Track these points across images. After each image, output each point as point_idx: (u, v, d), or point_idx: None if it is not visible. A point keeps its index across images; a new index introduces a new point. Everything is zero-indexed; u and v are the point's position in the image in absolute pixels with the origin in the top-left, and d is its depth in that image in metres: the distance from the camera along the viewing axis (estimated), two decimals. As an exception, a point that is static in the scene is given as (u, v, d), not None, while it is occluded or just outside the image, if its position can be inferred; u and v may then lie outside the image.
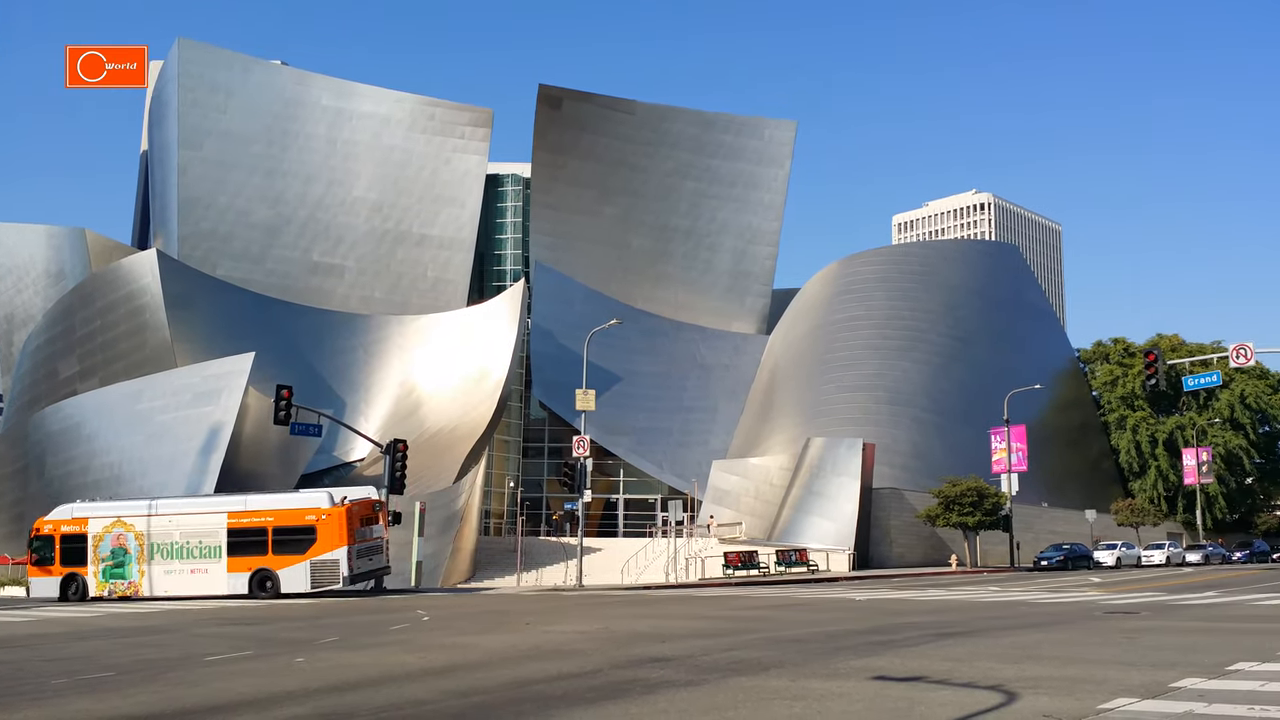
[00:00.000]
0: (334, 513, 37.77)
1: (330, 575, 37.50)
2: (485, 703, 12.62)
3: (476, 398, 74.48)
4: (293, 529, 38.07)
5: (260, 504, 39.65)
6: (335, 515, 37.72)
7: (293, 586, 37.77)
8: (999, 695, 12.30)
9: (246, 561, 38.33)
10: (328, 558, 37.52)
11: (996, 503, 62.38)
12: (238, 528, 38.69)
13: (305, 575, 37.64)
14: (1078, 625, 21.99)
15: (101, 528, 40.19)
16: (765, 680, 13.96)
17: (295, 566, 37.72)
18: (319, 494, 39.77)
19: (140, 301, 69.44)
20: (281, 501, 39.96)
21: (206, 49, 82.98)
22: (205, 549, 38.87)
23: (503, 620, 26.38)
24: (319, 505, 38.28)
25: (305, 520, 38.02)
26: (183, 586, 39.08)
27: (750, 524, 66.26)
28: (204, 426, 57.92)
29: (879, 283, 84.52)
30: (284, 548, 37.99)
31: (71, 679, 15.68)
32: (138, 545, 39.64)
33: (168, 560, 39.26)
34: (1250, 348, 38.29)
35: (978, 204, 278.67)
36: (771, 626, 22.82)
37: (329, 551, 37.53)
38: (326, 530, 37.70)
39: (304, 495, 40.62)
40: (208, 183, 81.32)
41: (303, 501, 39.31)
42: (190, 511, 40.20)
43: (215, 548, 38.75)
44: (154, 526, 39.65)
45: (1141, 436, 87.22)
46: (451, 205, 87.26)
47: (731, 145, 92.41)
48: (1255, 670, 14.09)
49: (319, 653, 18.67)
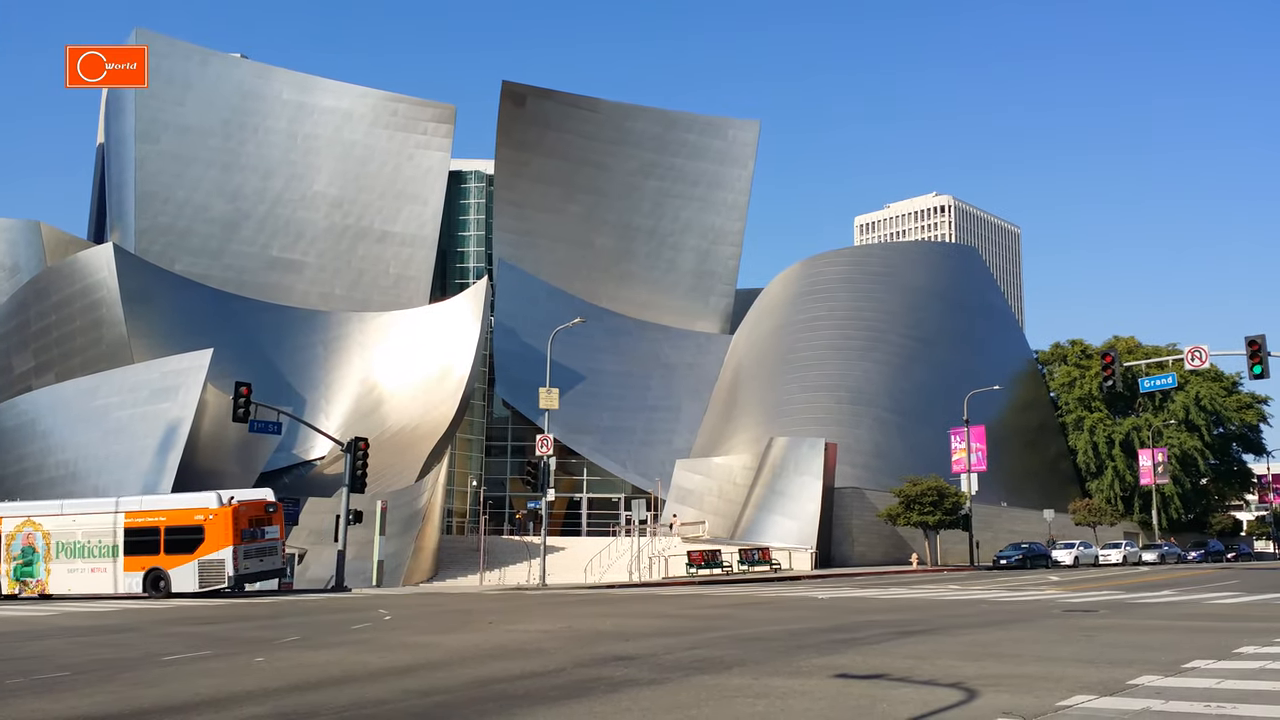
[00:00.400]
0: (220, 513, 38.15)
1: (216, 575, 37.92)
2: (448, 702, 12.53)
3: (439, 396, 74.08)
4: (183, 529, 38.55)
5: (154, 504, 40.58)
6: (221, 516, 38.10)
7: (182, 586, 38.23)
8: (960, 693, 12.38)
9: (141, 561, 38.99)
10: (214, 557, 37.93)
11: (956, 502, 62.92)
12: (133, 527, 39.38)
13: (194, 575, 38.12)
14: (1037, 623, 22.20)
15: (14, 527, 40.94)
16: (728, 678, 13.97)
17: (185, 566, 38.21)
18: (208, 495, 39.90)
19: (96, 296, 68.45)
20: (173, 502, 40.83)
21: (164, 40, 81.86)
22: (105, 548, 39.60)
23: (465, 619, 26.24)
24: (207, 506, 38.68)
25: (194, 520, 38.48)
26: (84, 585, 39.84)
27: (713, 523, 66.38)
28: (161, 424, 57.22)
29: (841, 283, 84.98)
30: (175, 548, 38.52)
31: (27, 679, 15.42)
32: (44, 544, 40.38)
33: (71, 559, 40.02)
34: (1205, 350, 38.86)
35: (938, 206, 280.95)
36: (734, 625, 22.87)
37: (215, 551, 37.92)
38: (213, 530, 38.09)
39: (194, 496, 40.86)
40: (165, 176, 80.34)
41: (192, 502, 39.72)
42: (92, 512, 40.85)
43: (113, 547, 39.50)
44: (60, 526, 40.42)
45: (1099, 437, 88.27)
46: (414, 201, 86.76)
47: (695, 145, 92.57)
48: (1211, 668, 14.27)
49: (279, 652, 18.48)
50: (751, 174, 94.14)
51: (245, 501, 39.37)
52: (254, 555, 38.76)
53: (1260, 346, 35.52)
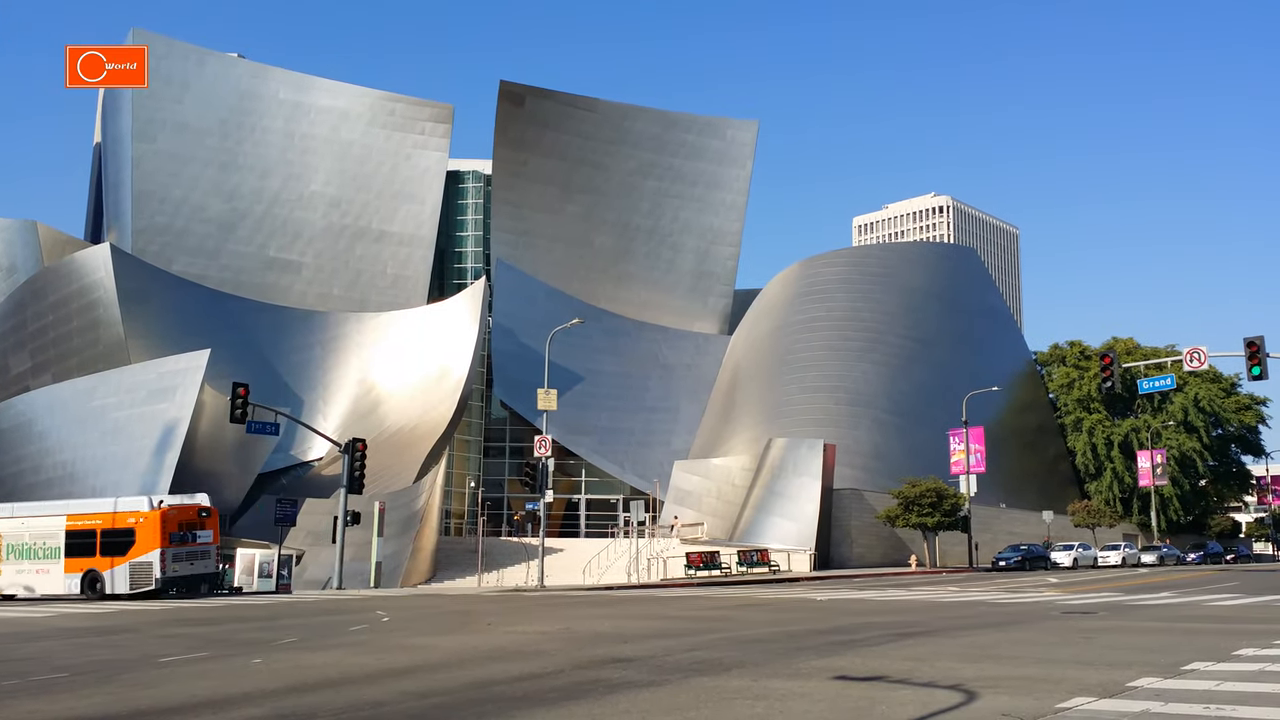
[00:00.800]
0: (150, 517, 39.86)
1: (145, 577, 39.63)
2: (446, 704, 12.50)
3: (437, 396, 74.00)
4: (117, 531, 40.22)
5: (93, 508, 41.98)
6: (151, 519, 39.79)
7: (117, 587, 39.76)
8: (959, 694, 12.36)
9: (79, 563, 40.60)
10: (143, 560, 39.61)
11: (955, 504, 62.90)
12: (73, 530, 40.99)
13: (126, 576, 39.71)
14: (1036, 625, 22.18)
15: None
16: (727, 680, 13.95)
17: (119, 567, 39.87)
18: (140, 500, 41.56)
19: (93, 296, 68.36)
20: (110, 505, 41.81)
21: (161, 40, 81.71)
22: (49, 550, 41.34)
23: (464, 621, 26.21)
24: (139, 510, 40.49)
25: (128, 524, 40.17)
26: (31, 585, 41.64)
27: (712, 524, 66.35)
28: (159, 424, 57.16)
29: (840, 284, 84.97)
30: (110, 550, 40.18)
31: (23, 680, 15.37)
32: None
33: (19, 560, 41.96)
34: (1204, 351, 38.87)
35: (937, 207, 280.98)
36: (733, 626, 22.84)
37: (145, 554, 39.60)
38: (143, 533, 39.77)
39: (128, 500, 42.18)
40: (162, 176, 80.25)
41: (127, 506, 41.15)
42: (38, 515, 42.73)
43: (56, 549, 41.17)
44: (11, 529, 42.28)
45: (1097, 439, 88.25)
46: (411, 201, 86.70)
47: (693, 145, 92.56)
48: (1211, 670, 14.25)
49: (277, 654, 18.44)
50: (750, 174, 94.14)
51: (176, 506, 41.09)
52: (183, 559, 40.42)
53: (1259, 348, 35.54)
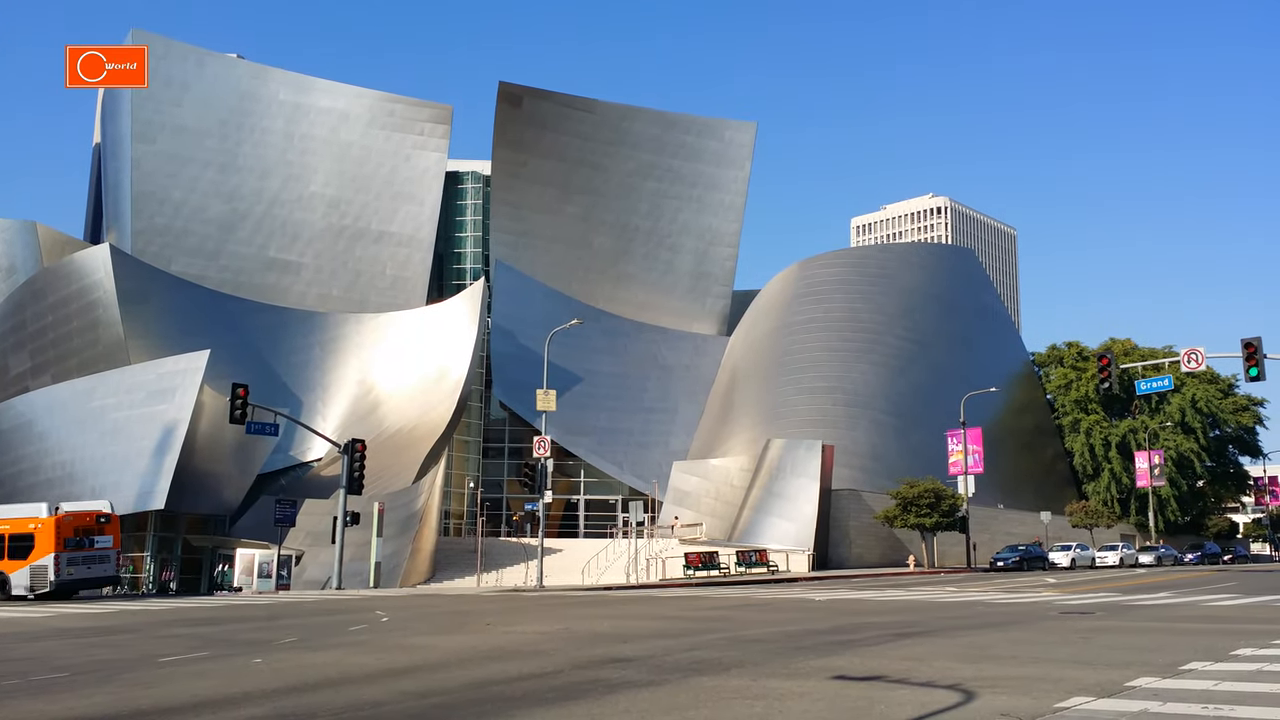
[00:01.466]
0: (46, 523, 41.57)
1: (42, 579, 41.14)
2: (445, 703, 12.53)
3: (436, 397, 74.02)
4: (20, 536, 41.82)
5: (4, 514, 43.84)
6: (47, 525, 41.50)
7: (19, 589, 41.44)
8: (957, 694, 12.39)
9: None
10: (41, 563, 41.21)
11: (953, 504, 62.95)
12: None
13: (27, 578, 41.38)
14: (1034, 625, 22.20)
15: None
16: (726, 680, 13.98)
17: (21, 570, 41.51)
18: (40, 506, 43.19)
19: (93, 297, 68.37)
20: (17, 511, 43.89)
21: (161, 41, 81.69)
22: None
23: (463, 621, 26.23)
24: (38, 516, 42.05)
25: (28, 529, 41.79)
26: None
27: (710, 525, 66.39)
28: (158, 425, 57.18)
29: (838, 285, 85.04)
30: (15, 554, 41.83)
31: (24, 680, 15.40)
32: None
33: None
34: (1201, 352, 38.92)
35: (934, 208, 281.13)
36: (732, 627, 22.86)
37: (42, 558, 41.20)
38: (41, 538, 41.37)
39: (31, 506, 44.00)
40: (162, 177, 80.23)
41: (29, 512, 42.98)
42: None
43: None
44: None
45: (1095, 439, 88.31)
46: (410, 202, 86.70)
47: (692, 146, 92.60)
48: (1209, 669, 14.29)
49: (277, 654, 18.47)
50: (748, 175, 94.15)
51: (73, 512, 42.70)
52: (79, 563, 42.03)
53: (1256, 349, 35.59)
